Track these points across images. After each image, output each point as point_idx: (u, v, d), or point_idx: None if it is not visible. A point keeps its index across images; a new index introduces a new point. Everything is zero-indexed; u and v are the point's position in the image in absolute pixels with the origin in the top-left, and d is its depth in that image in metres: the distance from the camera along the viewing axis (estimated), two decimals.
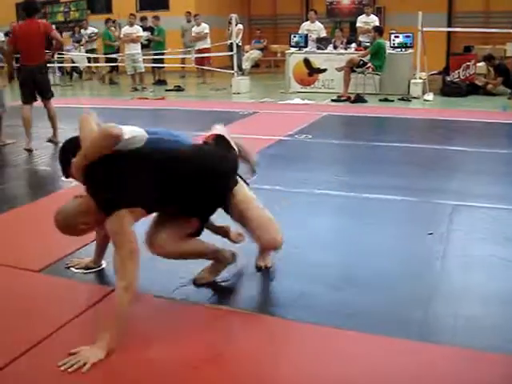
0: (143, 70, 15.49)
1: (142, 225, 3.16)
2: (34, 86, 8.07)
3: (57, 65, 17.50)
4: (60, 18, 21.56)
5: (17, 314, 3.27)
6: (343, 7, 19.08)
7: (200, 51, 15.85)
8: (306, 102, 11.80)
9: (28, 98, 8.11)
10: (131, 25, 15.44)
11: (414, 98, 11.99)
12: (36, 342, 2.92)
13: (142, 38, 15.64)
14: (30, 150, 7.85)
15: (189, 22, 17.00)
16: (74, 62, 18.64)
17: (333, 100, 12.03)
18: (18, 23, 8.42)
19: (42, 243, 4.29)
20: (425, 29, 12.08)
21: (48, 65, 8.70)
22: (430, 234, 4.20)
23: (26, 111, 8.09)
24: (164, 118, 10.46)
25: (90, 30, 18.27)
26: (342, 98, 11.99)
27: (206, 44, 16.13)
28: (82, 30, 18.45)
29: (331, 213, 4.28)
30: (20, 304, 3.39)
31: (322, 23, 15.05)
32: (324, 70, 13.29)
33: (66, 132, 8.68)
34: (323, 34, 14.66)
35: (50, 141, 8.25)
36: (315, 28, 14.55)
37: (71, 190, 5.80)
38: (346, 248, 4.15)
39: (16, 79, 8.61)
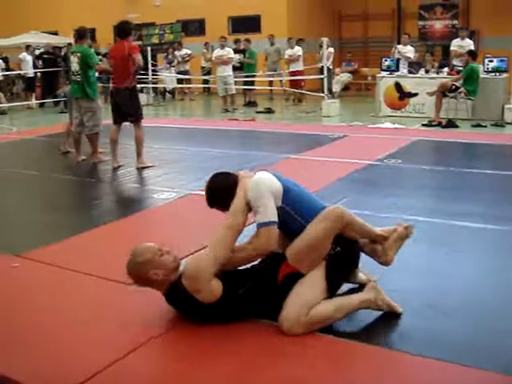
0: (234, 92, 15.77)
1: None
2: (117, 108, 8.18)
3: (150, 85, 18.05)
4: (155, 40, 22.21)
5: (108, 323, 3.41)
6: (436, 31, 18.79)
7: (293, 74, 16.00)
8: (397, 126, 11.67)
9: (115, 119, 8.29)
10: (222, 47, 15.76)
11: (508, 123, 11.64)
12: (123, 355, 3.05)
13: (233, 60, 15.93)
14: (116, 168, 8.17)
15: (272, 45, 17.19)
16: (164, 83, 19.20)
17: (423, 125, 11.84)
18: (113, 45, 8.77)
19: None
20: None
21: (140, 85, 8.97)
22: None
23: (112, 131, 8.31)
24: (254, 139, 10.58)
25: (184, 51, 18.77)
26: (433, 123, 11.78)
27: (299, 67, 16.25)
28: (176, 52, 18.98)
29: (419, 239, 4.21)
30: (111, 315, 3.54)
31: (413, 47, 14.89)
32: (415, 94, 13.12)
33: (153, 151, 9.00)
34: (412, 55, 14.45)
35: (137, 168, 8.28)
36: (405, 50, 14.40)
37: (160, 207, 6.01)
38: (431, 274, 4.07)
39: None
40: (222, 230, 3.27)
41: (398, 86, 13.32)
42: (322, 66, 14.32)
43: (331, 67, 16.42)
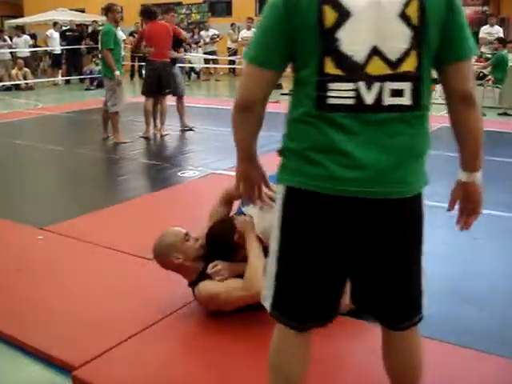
0: None
1: None
2: (159, 81, 8.73)
3: (177, 65, 18.03)
4: (182, 19, 22.22)
5: (130, 297, 3.47)
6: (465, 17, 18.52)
7: None
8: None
9: (154, 90, 8.77)
10: (249, 28, 15.68)
11: None
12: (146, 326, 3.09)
13: None
14: (146, 138, 8.29)
15: None
16: (190, 63, 19.18)
17: None
18: (148, 24, 8.84)
19: (158, 233, 4.47)
20: None
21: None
22: None
23: (149, 103, 8.81)
24: (278, 121, 10.50)
25: (212, 31, 18.71)
26: None
27: None
28: (203, 32, 18.93)
29: (444, 226, 4.17)
30: (134, 289, 3.59)
31: None
32: None
33: (178, 129, 9.03)
34: None
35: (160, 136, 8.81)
36: None
37: (183, 185, 6.03)
38: (456, 261, 4.06)
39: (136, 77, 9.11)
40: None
41: None
42: None
43: None
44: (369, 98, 1.74)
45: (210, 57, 18.58)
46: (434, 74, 1.92)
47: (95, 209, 5.20)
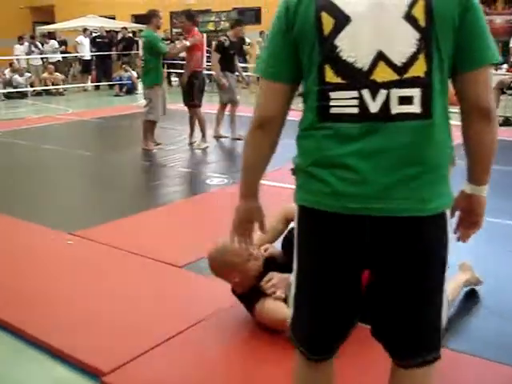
0: None
1: None
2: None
3: (205, 72, 18.10)
4: (211, 27, 22.32)
5: (159, 304, 3.48)
6: (495, 27, 18.36)
7: None
8: (453, 122, 11.43)
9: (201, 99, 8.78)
10: None
11: None
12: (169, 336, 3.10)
13: None
14: (205, 148, 8.61)
15: None
16: None
17: None
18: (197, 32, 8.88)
19: (187, 241, 4.51)
20: None
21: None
22: None
23: (202, 113, 8.79)
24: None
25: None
26: None
27: None
28: None
29: (478, 238, 4.11)
30: (162, 296, 3.60)
31: None
32: None
33: (207, 137, 9.05)
34: None
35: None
36: None
37: (212, 193, 6.04)
38: (490, 275, 3.97)
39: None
40: None
41: None
42: None
43: None
44: (374, 106, 1.61)
45: (240, 64, 18.58)
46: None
47: (124, 215, 5.23)
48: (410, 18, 1.59)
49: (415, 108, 1.61)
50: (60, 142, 9.50)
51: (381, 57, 1.61)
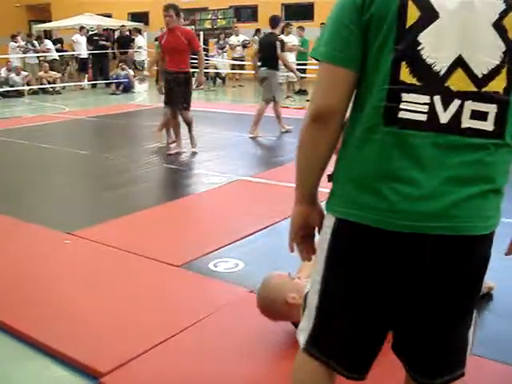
0: (295, 80, 15.24)
1: None
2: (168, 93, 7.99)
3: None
4: (207, 24, 22.29)
5: (158, 304, 3.45)
6: None
7: None
8: None
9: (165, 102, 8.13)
10: (287, 34, 15.40)
11: None
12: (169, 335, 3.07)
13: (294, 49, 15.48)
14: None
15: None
16: (216, 68, 19.24)
17: None
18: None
19: (185, 240, 4.49)
20: None
21: (192, 70, 8.37)
22: None
23: (166, 112, 8.19)
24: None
25: (242, 37, 18.70)
26: None
27: None
28: (232, 37, 18.98)
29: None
30: (161, 296, 3.57)
31: None
32: None
33: (205, 136, 9.03)
34: None
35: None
36: None
37: (210, 191, 6.02)
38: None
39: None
40: None
41: None
42: None
43: None
44: (444, 116, 1.47)
45: (238, 62, 18.58)
46: None
47: (122, 214, 5.20)
48: (499, 26, 1.45)
49: (488, 125, 1.49)
50: (56, 140, 9.46)
51: (460, 62, 1.47)
